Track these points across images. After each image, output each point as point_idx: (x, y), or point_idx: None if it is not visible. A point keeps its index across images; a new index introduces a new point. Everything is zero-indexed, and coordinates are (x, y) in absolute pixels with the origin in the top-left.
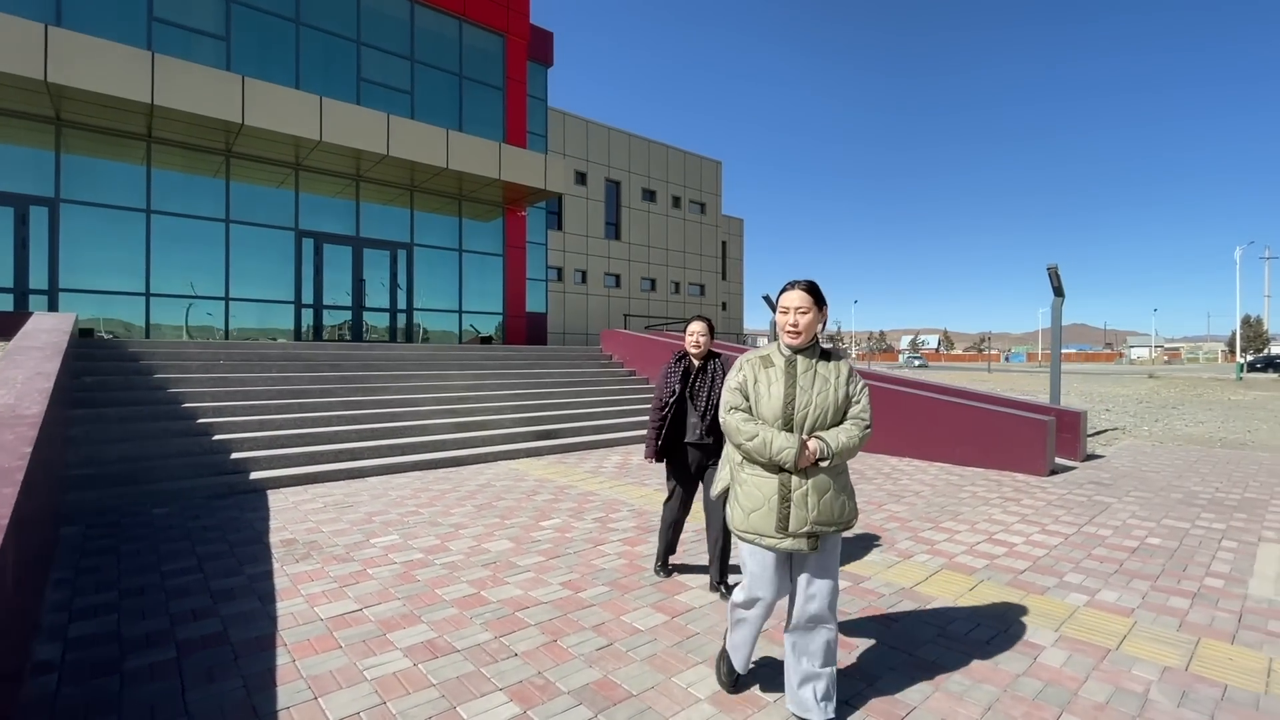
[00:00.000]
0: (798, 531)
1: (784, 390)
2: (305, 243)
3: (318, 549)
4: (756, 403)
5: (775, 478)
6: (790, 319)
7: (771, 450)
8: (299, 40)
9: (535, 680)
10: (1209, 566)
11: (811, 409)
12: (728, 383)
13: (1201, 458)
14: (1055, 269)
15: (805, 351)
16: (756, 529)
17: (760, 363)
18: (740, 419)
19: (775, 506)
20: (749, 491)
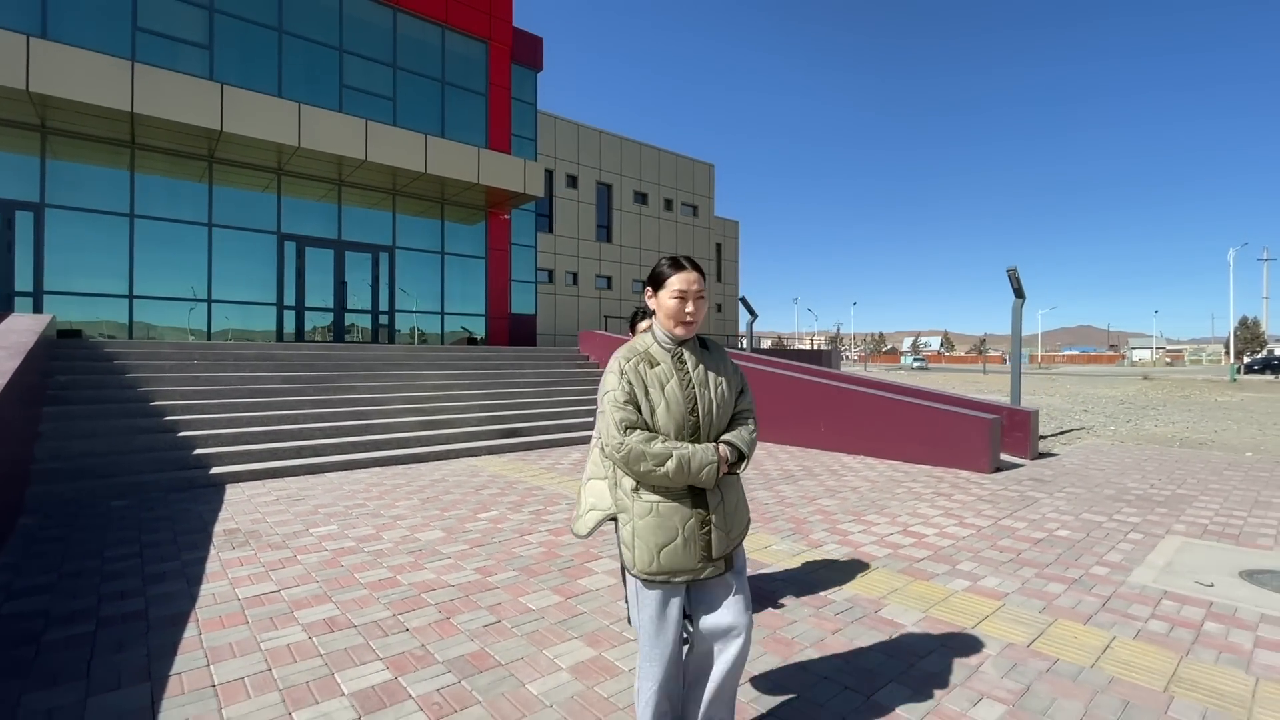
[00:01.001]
0: (720, 555)
1: (682, 392)
2: (288, 246)
3: (256, 537)
4: (654, 413)
5: (687, 499)
6: (688, 305)
7: (692, 469)
8: (282, 48)
9: (416, 652)
10: (1103, 556)
11: (716, 411)
12: (609, 396)
13: (1153, 457)
14: (1014, 271)
15: (689, 343)
16: (672, 567)
17: (642, 362)
18: (641, 439)
19: (695, 535)
20: (658, 524)
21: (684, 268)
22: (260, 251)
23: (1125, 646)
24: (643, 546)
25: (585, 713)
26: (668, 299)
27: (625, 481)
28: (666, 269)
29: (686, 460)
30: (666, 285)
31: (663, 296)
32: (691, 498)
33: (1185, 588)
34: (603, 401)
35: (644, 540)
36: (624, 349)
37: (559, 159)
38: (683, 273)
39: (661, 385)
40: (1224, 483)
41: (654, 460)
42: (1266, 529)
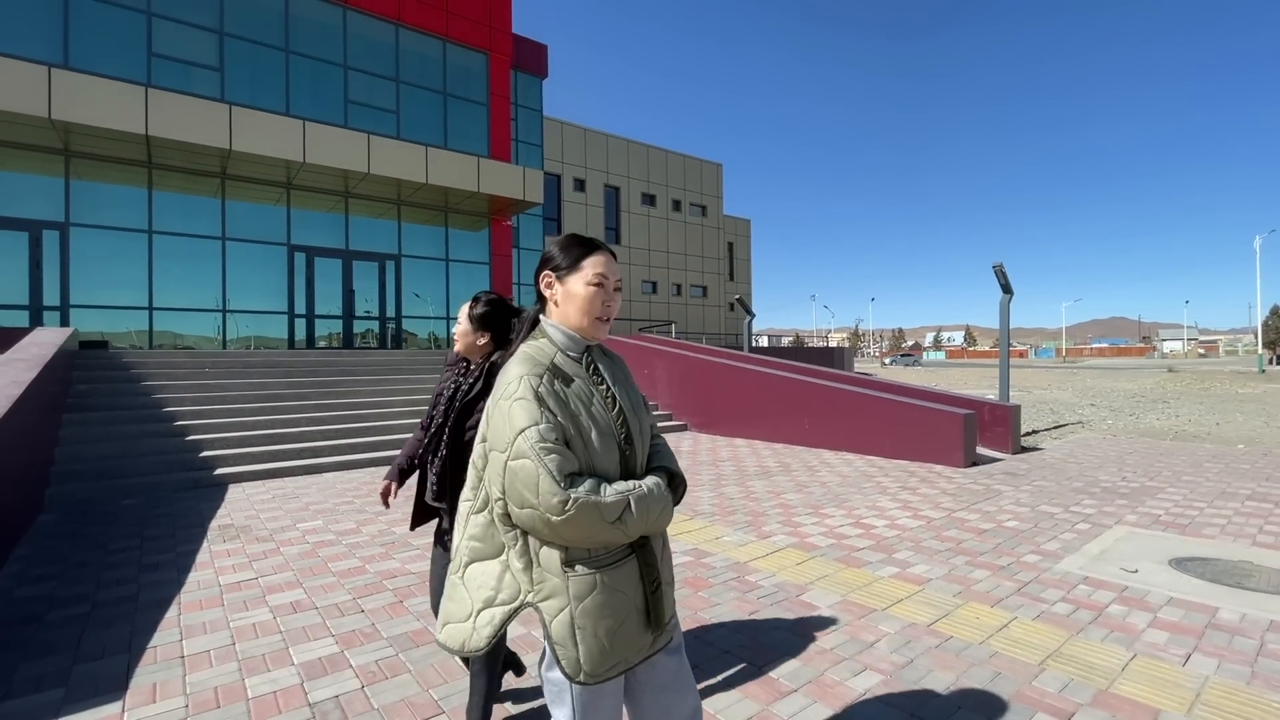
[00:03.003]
0: (671, 617)
1: (610, 414)
2: (297, 256)
3: (247, 532)
4: (585, 449)
5: (630, 558)
6: (606, 296)
7: (649, 515)
8: (288, 68)
9: (365, 630)
10: (1040, 546)
11: (644, 434)
12: (524, 438)
13: (1139, 450)
14: (1000, 267)
15: (595, 347)
16: (623, 652)
17: (555, 379)
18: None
19: (642, 600)
20: (605, 603)
21: (600, 248)
22: (272, 262)
23: (1021, 626)
24: (589, 639)
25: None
26: (580, 285)
27: (548, 555)
28: (575, 247)
29: (646, 503)
30: (579, 269)
31: (573, 282)
32: (637, 554)
33: (1108, 574)
34: (513, 444)
35: (589, 630)
36: (520, 362)
37: (566, 163)
38: (600, 254)
39: (586, 408)
40: (1199, 474)
41: (610, 514)
42: (1218, 520)
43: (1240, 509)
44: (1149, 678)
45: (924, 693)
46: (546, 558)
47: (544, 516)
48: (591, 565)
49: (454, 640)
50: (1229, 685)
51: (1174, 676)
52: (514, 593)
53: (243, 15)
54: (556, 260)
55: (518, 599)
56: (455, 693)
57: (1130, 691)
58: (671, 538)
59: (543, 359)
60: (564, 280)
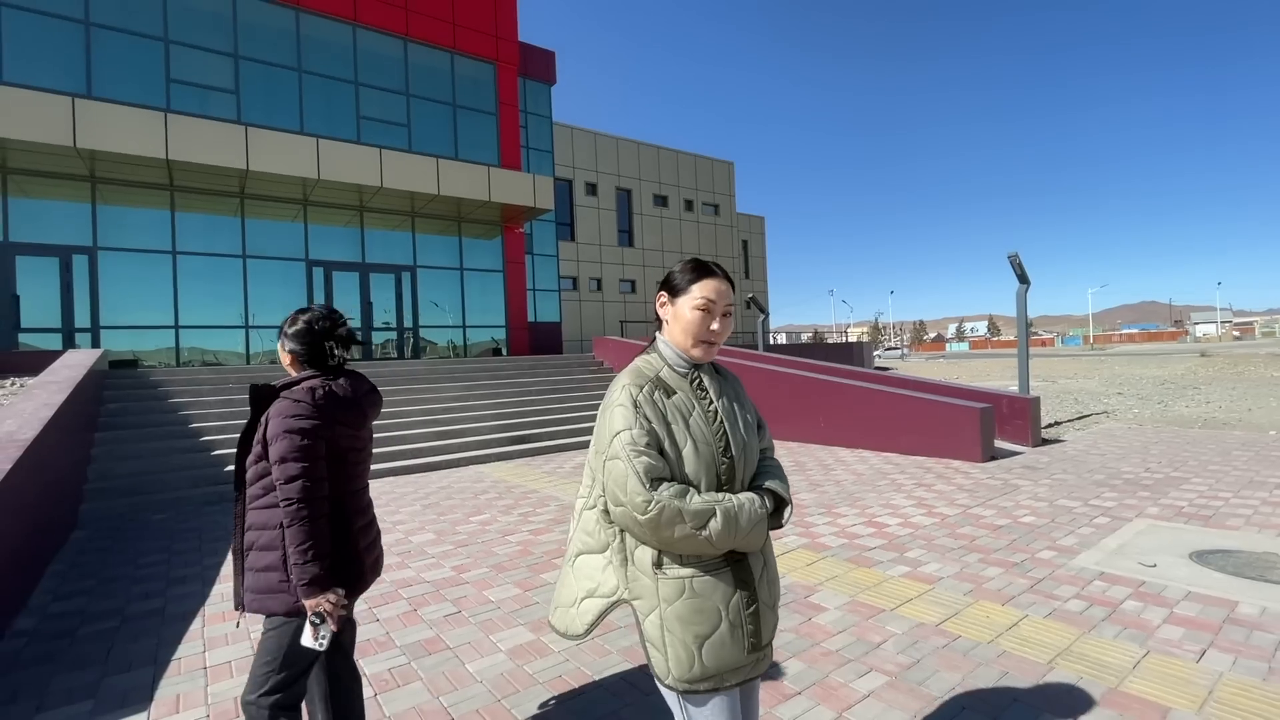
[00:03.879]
0: (770, 640)
1: (708, 428)
2: (315, 271)
3: None
4: (679, 458)
5: (726, 569)
6: (713, 322)
7: (741, 528)
8: (302, 87)
9: (380, 638)
10: (1056, 541)
11: (749, 450)
12: (619, 440)
13: (1165, 439)
14: (1016, 257)
15: (705, 366)
16: (720, 667)
17: (656, 390)
18: (675, 494)
19: (739, 616)
20: (695, 608)
21: (713, 273)
22: (291, 278)
23: (1031, 624)
24: (677, 644)
25: (508, 685)
26: (688, 309)
27: (642, 555)
28: (689, 272)
29: (734, 516)
30: (689, 292)
31: (682, 305)
32: (731, 568)
33: (1125, 569)
34: (610, 445)
35: (677, 635)
36: (628, 374)
37: (577, 168)
38: (711, 279)
39: (685, 420)
40: (1226, 463)
41: (694, 521)
42: (1243, 510)
43: (1269, 498)
44: (1160, 675)
45: (928, 694)
46: (640, 557)
47: (632, 515)
48: (682, 570)
49: (560, 623)
50: (1244, 682)
51: (1186, 674)
52: (613, 587)
53: (257, 38)
54: (674, 282)
55: (615, 593)
56: (465, 699)
57: (1140, 690)
58: None
59: (649, 371)
60: (675, 301)
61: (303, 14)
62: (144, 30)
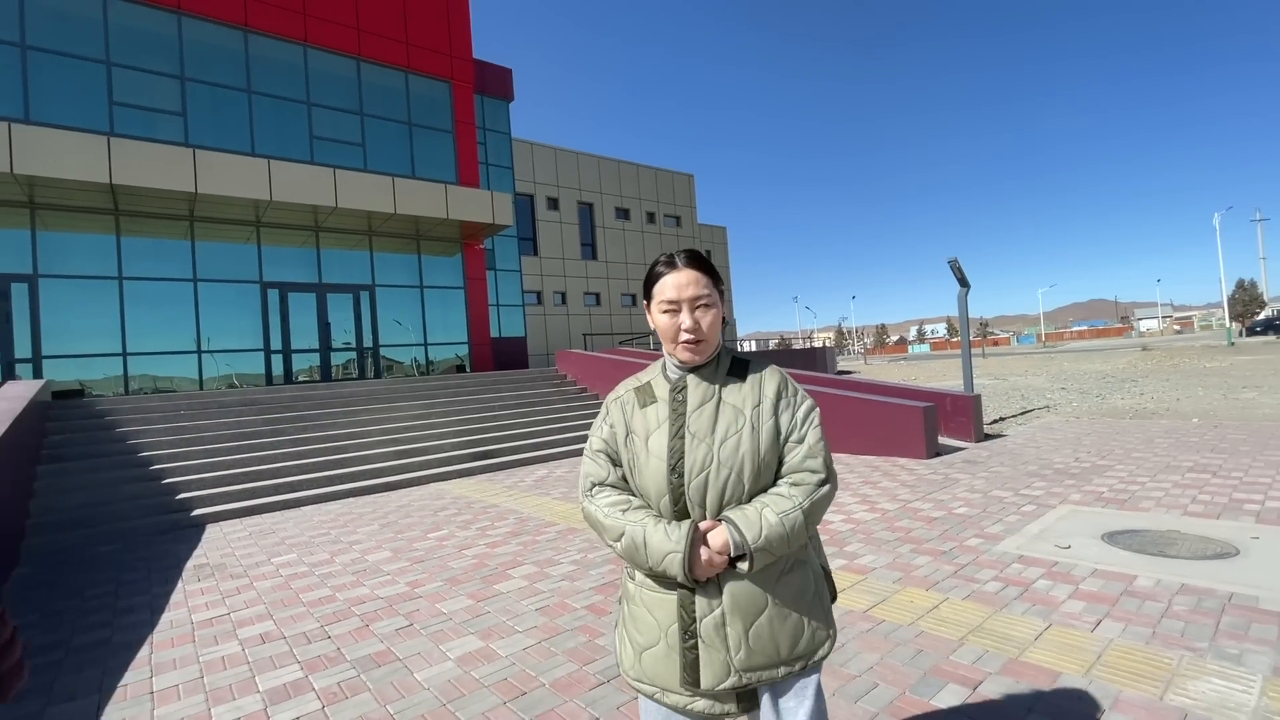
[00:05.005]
0: (716, 688)
1: (667, 442)
2: (271, 293)
3: (222, 569)
4: (636, 470)
5: (673, 595)
6: (684, 319)
7: (649, 555)
8: (252, 108)
9: (330, 654)
10: (985, 529)
11: (714, 471)
12: (590, 441)
13: (1098, 430)
14: (956, 262)
15: (704, 369)
16: (654, 679)
17: (636, 398)
18: (605, 503)
19: (676, 644)
20: (639, 616)
21: (675, 267)
22: (245, 300)
23: (950, 606)
24: (625, 642)
25: (454, 691)
26: (658, 314)
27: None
28: (656, 269)
29: (639, 543)
30: (653, 296)
31: (654, 311)
32: (681, 595)
33: (1042, 552)
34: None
35: (627, 634)
36: (628, 381)
37: (538, 183)
38: (671, 274)
39: (649, 433)
40: (1148, 450)
41: (608, 535)
42: (1156, 493)
43: (1180, 481)
44: (1058, 645)
45: (847, 673)
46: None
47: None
48: (637, 578)
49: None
50: (1129, 646)
51: (1081, 642)
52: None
53: (204, 60)
54: (645, 289)
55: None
56: (411, 706)
57: (1038, 659)
58: None
59: (643, 378)
60: (649, 310)
61: (251, 35)
62: (84, 53)
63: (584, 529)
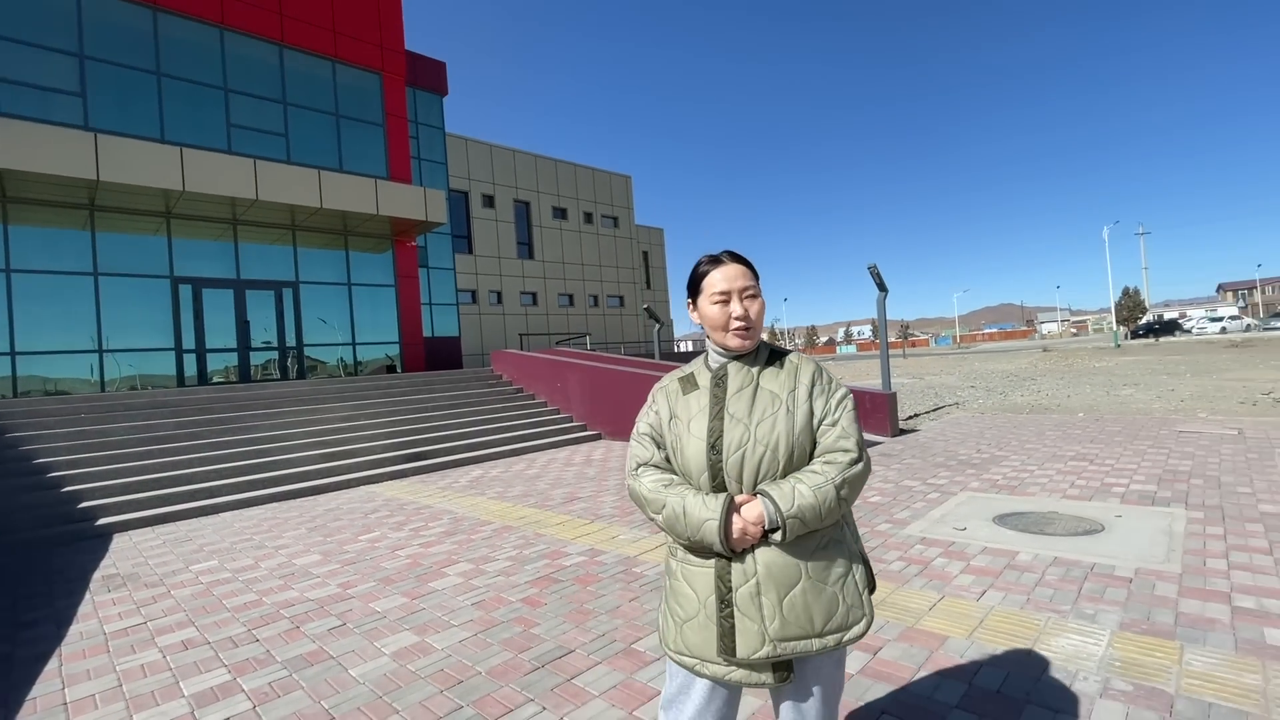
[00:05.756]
0: (751, 657)
1: (707, 423)
2: (183, 289)
3: (134, 579)
4: (679, 450)
5: (710, 567)
6: (734, 308)
7: (688, 524)
8: (162, 91)
9: (259, 657)
10: (894, 515)
11: (750, 448)
12: (636, 426)
13: (999, 424)
14: (874, 268)
15: (744, 358)
16: (694, 650)
17: (680, 387)
18: (650, 481)
19: (714, 615)
20: (680, 590)
21: (722, 262)
22: (154, 297)
23: None
24: (667, 615)
25: (390, 684)
26: (708, 306)
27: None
28: (702, 268)
29: (680, 512)
30: (704, 289)
31: (703, 304)
32: (719, 564)
33: (942, 534)
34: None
35: (668, 607)
36: (674, 371)
37: (473, 180)
38: (720, 268)
39: (691, 417)
40: (1039, 442)
41: (650, 508)
42: (1042, 479)
43: (1062, 468)
44: (948, 613)
45: None
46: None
47: None
48: (679, 553)
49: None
50: (1007, 612)
51: (967, 610)
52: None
53: (106, 37)
54: (692, 286)
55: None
56: (346, 700)
57: (930, 625)
58: (570, 541)
59: (687, 369)
60: (698, 304)
61: (160, 14)
62: None
63: (519, 526)
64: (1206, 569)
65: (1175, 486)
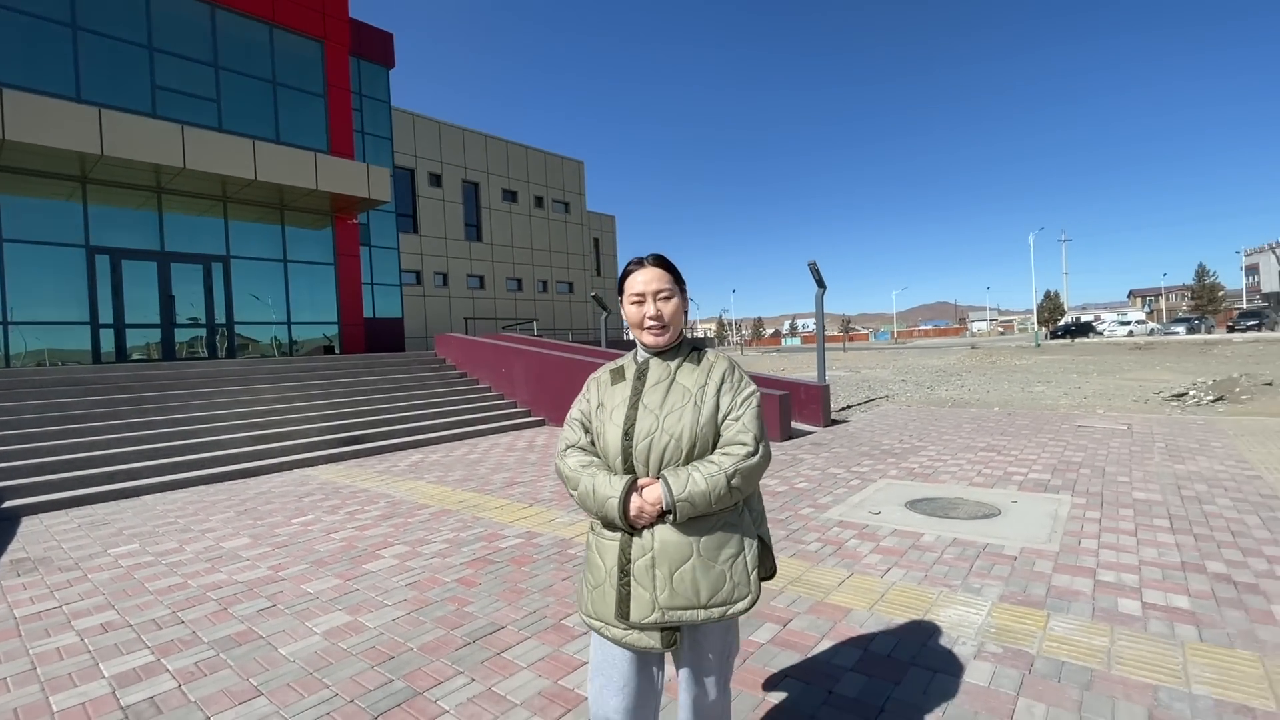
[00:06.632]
0: (642, 621)
1: (625, 413)
2: (99, 259)
3: (46, 563)
4: (601, 435)
5: (616, 540)
6: (649, 308)
7: (596, 501)
8: (77, 46)
9: (185, 637)
10: (817, 500)
11: (658, 437)
12: (570, 411)
13: (922, 416)
14: (814, 265)
15: (667, 354)
16: (599, 614)
17: (610, 378)
18: (573, 461)
19: (614, 582)
20: (592, 560)
21: (643, 265)
22: (67, 266)
23: (778, 563)
24: (583, 583)
25: (321, 661)
26: (628, 305)
27: None
28: (626, 270)
29: (590, 490)
30: (625, 290)
31: (624, 304)
32: (622, 539)
33: (858, 517)
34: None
35: (585, 576)
36: (609, 364)
37: (420, 157)
38: (639, 271)
39: (613, 406)
40: (957, 434)
41: (569, 485)
42: (954, 468)
43: (973, 458)
44: (854, 588)
45: None
46: None
47: None
48: (594, 526)
49: None
50: (906, 586)
51: (872, 585)
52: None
53: None
54: (619, 287)
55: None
56: (276, 678)
57: (837, 600)
58: (508, 524)
59: (619, 362)
60: (621, 304)
61: None
62: None
63: (458, 510)
64: (1080, 548)
65: (1066, 475)
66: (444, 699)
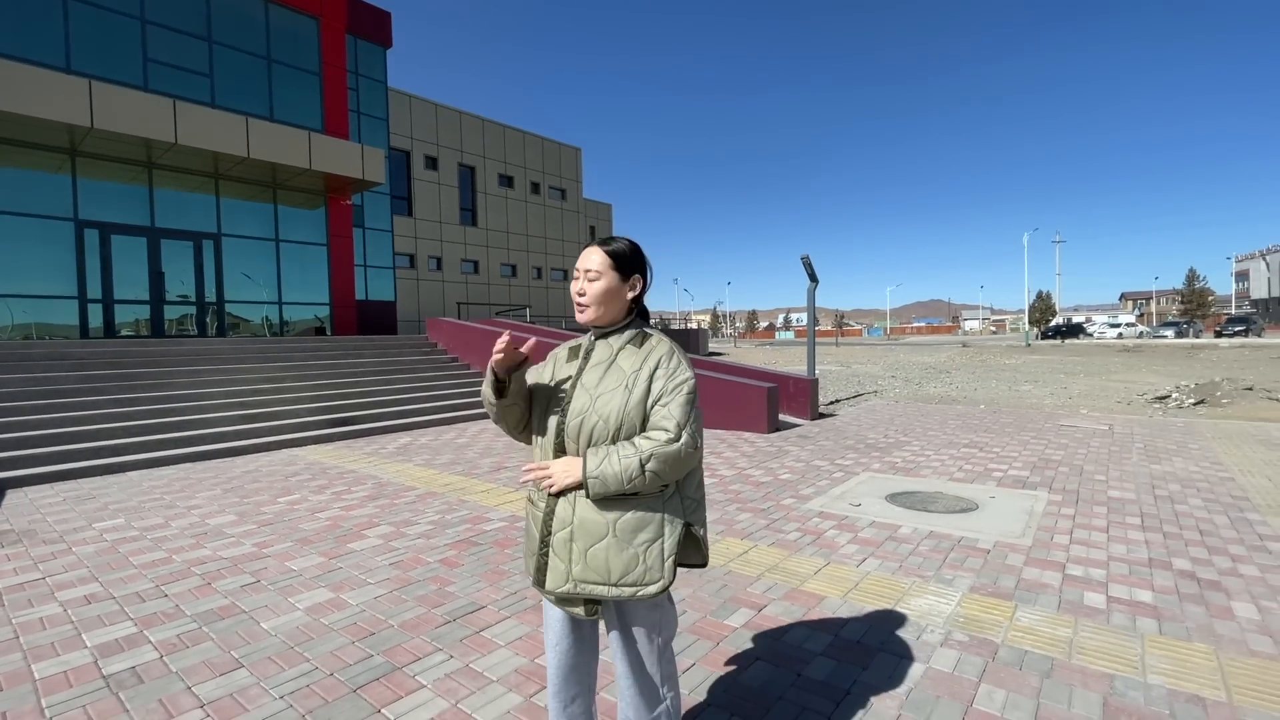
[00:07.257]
0: (556, 590)
1: (564, 386)
2: (89, 234)
3: (31, 535)
4: (540, 404)
5: (540, 514)
6: (577, 286)
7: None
8: (68, 15)
9: (168, 610)
10: (799, 491)
11: (589, 417)
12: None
13: (909, 412)
14: (807, 259)
15: (611, 337)
16: (531, 578)
17: (567, 355)
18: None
19: (535, 550)
20: (528, 528)
21: (589, 246)
22: (55, 239)
23: (757, 551)
24: (525, 547)
25: (302, 636)
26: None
27: None
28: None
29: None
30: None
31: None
32: (546, 511)
33: (839, 509)
34: None
35: (525, 543)
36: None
37: (416, 139)
38: (583, 251)
39: (556, 378)
40: (942, 430)
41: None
42: (936, 463)
43: (955, 454)
44: (830, 577)
45: None
46: None
47: None
48: (531, 498)
49: None
50: (880, 576)
51: (847, 574)
52: None
53: None
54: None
55: None
56: (257, 651)
57: (812, 587)
58: (493, 507)
59: (579, 340)
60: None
61: None
62: None
63: (443, 493)
64: (1052, 543)
65: (1045, 473)
66: (422, 674)
